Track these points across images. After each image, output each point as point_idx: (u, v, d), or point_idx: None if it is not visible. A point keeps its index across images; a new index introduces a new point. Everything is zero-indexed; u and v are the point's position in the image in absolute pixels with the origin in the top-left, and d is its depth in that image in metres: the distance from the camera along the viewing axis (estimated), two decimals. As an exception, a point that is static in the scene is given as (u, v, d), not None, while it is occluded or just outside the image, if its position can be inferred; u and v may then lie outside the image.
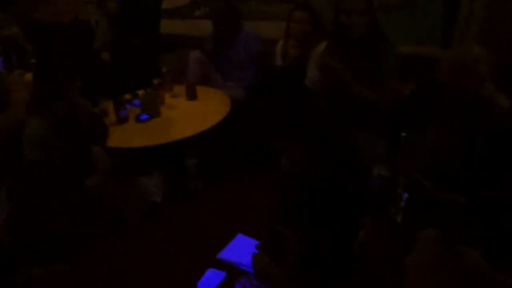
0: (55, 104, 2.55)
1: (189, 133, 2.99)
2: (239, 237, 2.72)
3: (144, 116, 3.28)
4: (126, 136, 3.11)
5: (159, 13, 4.27)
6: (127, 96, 3.59)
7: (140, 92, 3.58)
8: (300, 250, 1.90)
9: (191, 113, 3.37)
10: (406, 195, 2.05)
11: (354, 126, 2.63)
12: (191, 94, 3.54)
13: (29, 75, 2.83)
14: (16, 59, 4.18)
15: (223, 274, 2.46)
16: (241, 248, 2.62)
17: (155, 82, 3.50)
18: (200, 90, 3.60)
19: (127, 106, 3.41)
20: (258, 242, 2.38)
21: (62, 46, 3.90)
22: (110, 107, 3.32)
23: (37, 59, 3.96)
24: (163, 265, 2.64)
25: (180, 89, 3.66)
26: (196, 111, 3.38)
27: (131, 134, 3.14)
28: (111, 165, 2.82)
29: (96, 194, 2.79)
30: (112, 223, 2.91)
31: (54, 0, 4.21)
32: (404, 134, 2.71)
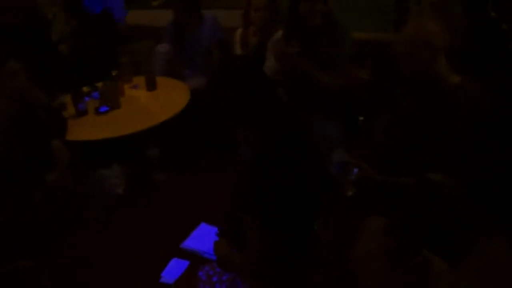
0: (6, 102, 2.51)
1: (149, 124, 2.97)
2: (203, 225, 2.74)
3: (103, 108, 3.24)
4: (85, 129, 3.08)
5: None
6: (86, 88, 3.53)
7: (100, 84, 3.53)
8: (260, 235, 1.92)
9: (151, 103, 3.35)
10: (357, 170, 2.09)
11: (312, 111, 2.67)
12: (151, 85, 3.51)
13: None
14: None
15: (187, 263, 2.48)
16: (204, 236, 2.64)
17: (114, 73, 3.46)
18: (159, 80, 3.58)
19: (86, 98, 3.36)
20: (219, 229, 2.39)
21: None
22: (68, 100, 3.27)
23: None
24: (127, 256, 2.64)
25: (139, 80, 3.63)
26: (156, 102, 3.37)
27: (91, 127, 3.11)
28: (72, 159, 2.79)
29: (57, 189, 2.77)
30: (74, 217, 2.89)
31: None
32: (361, 118, 2.77)
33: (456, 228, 1.48)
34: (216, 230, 2.57)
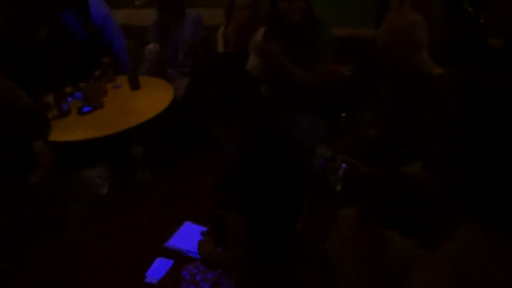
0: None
1: (132, 123, 2.96)
2: (187, 224, 2.74)
3: (86, 108, 3.22)
4: (68, 129, 3.05)
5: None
6: (69, 88, 3.51)
7: (82, 84, 3.51)
8: (243, 233, 1.92)
9: (135, 103, 3.33)
10: (345, 165, 2.10)
11: (295, 108, 2.68)
12: (134, 84, 3.49)
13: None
14: None
15: (171, 262, 2.48)
16: (189, 235, 2.63)
17: (97, 73, 3.43)
18: (143, 79, 3.56)
19: (69, 99, 3.34)
20: (205, 229, 2.39)
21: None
22: (51, 100, 3.24)
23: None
24: (111, 257, 2.63)
25: (123, 79, 3.61)
26: (139, 101, 3.35)
27: (74, 127, 3.08)
28: (54, 159, 2.78)
29: (40, 190, 2.75)
30: (57, 218, 2.87)
31: None
32: (344, 114, 2.78)
33: (429, 219, 1.49)
34: (200, 228, 2.58)
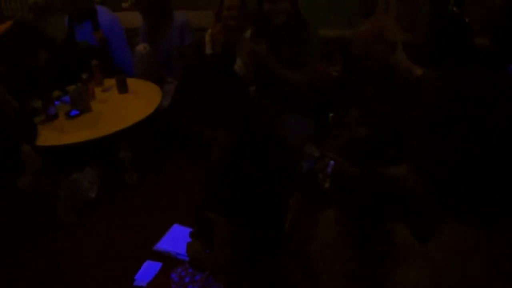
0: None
1: (120, 126, 2.94)
2: (175, 227, 2.74)
3: (74, 112, 3.20)
4: (56, 133, 3.03)
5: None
6: (56, 92, 3.48)
7: (70, 88, 3.49)
8: (231, 234, 1.92)
9: (123, 106, 3.32)
10: (333, 162, 2.11)
11: (283, 109, 2.68)
12: (122, 87, 3.47)
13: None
14: None
15: (160, 265, 2.47)
16: (177, 238, 2.63)
17: (84, 76, 3.41)
18: (131, 82, 3.54)
19: (56, 103, 3.31)
20: (192, 230, 2.39)
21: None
22: (39, 105, 3.22)
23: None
24: (100, 260, 2.62)
25: (111, 82, 3.59)
26: (127, 104, 3.33)
27: (62, 131, 3.05)
28: (42, 164, 2.76)
29: (28, 195, 2.73)
30: (46, 223, 2.85)
31: None
32: (331, 115, 2.78)
33: (415, 219, 1.49)
34: (189, 231, 2.57)
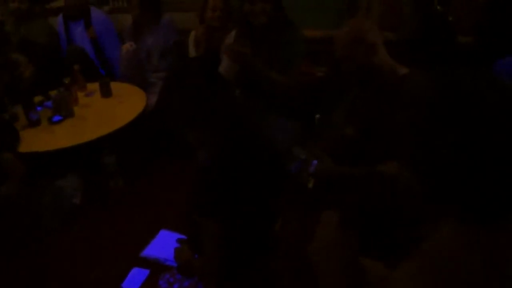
0: None
1: (104, 131, 2.91)
2: (163, 232, 2.70)
3: (56, 117, 3.15)
4: (39, 139, 2.99)
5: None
6: (38, 98, 3.43)
7: (52, 92, 3.44)
8: (220, 239, 1.89)
9: (106, 110, 3.28)
10: (316, 162, 2.11)
11: (269, 111, 2.66)
12: (106, 91, 3.43)
13: None
14: None
15: (147, 272, 2.43)
16: (165, 243, 2.59)
17: (66, 81, 3.36)
18: (115, 86, 3.50)
19: (39, 108, 3.27)
20: (181, 236, 2.36)
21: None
22: (20, 111, 3.17)
23: None
24: (86, 268, 2.57)
25: (94, 86, 3.54)
26: (111, 109, 3.30)
27: (44, 137, 3.02)
28: (25, 171, 2.72)
29: (11, 202, 2.68)
30: (29, 231, 2.81)
31: None
32: (318, 116, 2.77)
33: (407, 218, 1.49)
34: (176, 236, 2.54)
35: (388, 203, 1.71)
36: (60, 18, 4.13)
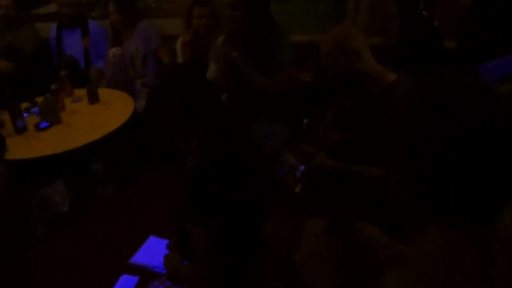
0: None
1: (91, 138, 2.89)
2: (152, 239, 2.69)
3: (43, 124, 3.13)
4: (25, 146, 2.96)
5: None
6: (25, 104, 3.40)
7: (39, 99, 3.41)
8: (209, 245, 1.89)
9: (94, 116, 3.26)
10: (303, 167, 2.11)
11: (256, 116, 2.66)
12: (93, 98, 3.42)
13: None
14: None
15: (137, 279, 2.42)
16: (154, 250, 2.58)
17: (53, 87, 3.33)
18: (102, 92, 3.49)
19: (25, 115, 3.24)
20: (169, 242, 2.35)
21: None
22: (6, 117, 3.14)
23: None
24: (74, 276, 2.55)
25: (81, 92, 3.52)
26: (98, 115, 3.28)
27: (31, 144, 2.99)
28: (12, 178, 2.69)
29: (-1, 210, 2.66)
30: (17, 238, 2.78)
31: None
32: (305, 121, 2.78)
33: (394, 223, 1.49)
34: (165, 242, 2.53)
35: (374, 208, 1.72)
36: (54, 25, 4.13)
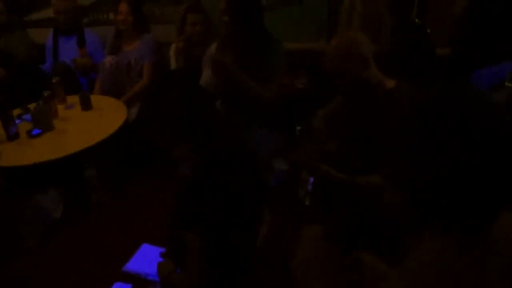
0: None
1: (84, 145, 2.86)
2: (145, 246, 2.68)
3: (36, 131, 3.10)
4: (17, 153, 2.93)
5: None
6: (17, 111, 3.39)
7: (32, 106, 3.39)
8: (202, 253, 1.89)
9: (86, 123, 3.24)
10: (313, 178, 2.10)
11: (249, 123, 2.67)
12: (86, 104, 3.40)
13: None
14: None
15: (130, 287, 2.41)
16: (147, 258, 2.57)
17: (46, 94, 3.32)
18: (95, 99, 3.48)
19: (17, 121, 3.22)
20: (162, 249, 2.34)
21: None
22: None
23: None
24: (67, 284, 2.54)
25: (74, 99, 3.51)
26: (91, 122, 3.25)
27: (23, 151, 2.96)
28: (4, 185, 2.68)
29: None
30: (9, 246, 2.77)
31: None
32: (299, 128, 2.78)
33: (392, 230, 1.50)
34: (158, 250, 2.52)
35: (373, 215, 1.71)
36: (51, 31, 4.11)
